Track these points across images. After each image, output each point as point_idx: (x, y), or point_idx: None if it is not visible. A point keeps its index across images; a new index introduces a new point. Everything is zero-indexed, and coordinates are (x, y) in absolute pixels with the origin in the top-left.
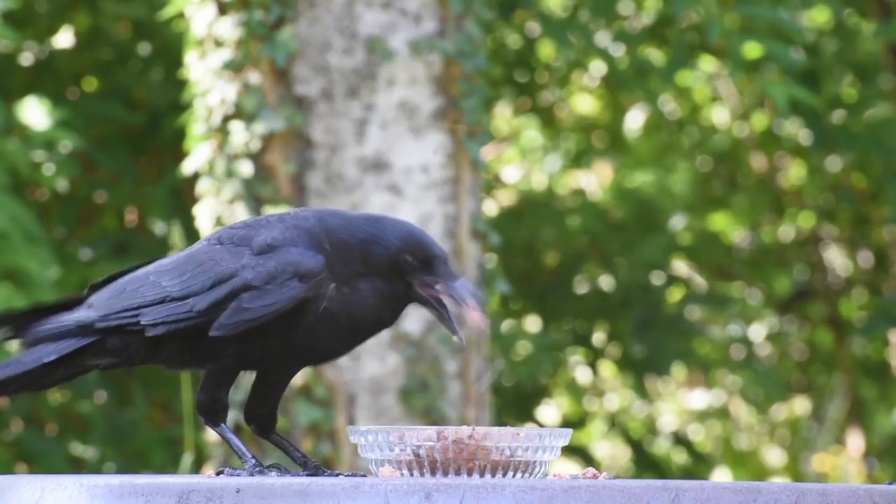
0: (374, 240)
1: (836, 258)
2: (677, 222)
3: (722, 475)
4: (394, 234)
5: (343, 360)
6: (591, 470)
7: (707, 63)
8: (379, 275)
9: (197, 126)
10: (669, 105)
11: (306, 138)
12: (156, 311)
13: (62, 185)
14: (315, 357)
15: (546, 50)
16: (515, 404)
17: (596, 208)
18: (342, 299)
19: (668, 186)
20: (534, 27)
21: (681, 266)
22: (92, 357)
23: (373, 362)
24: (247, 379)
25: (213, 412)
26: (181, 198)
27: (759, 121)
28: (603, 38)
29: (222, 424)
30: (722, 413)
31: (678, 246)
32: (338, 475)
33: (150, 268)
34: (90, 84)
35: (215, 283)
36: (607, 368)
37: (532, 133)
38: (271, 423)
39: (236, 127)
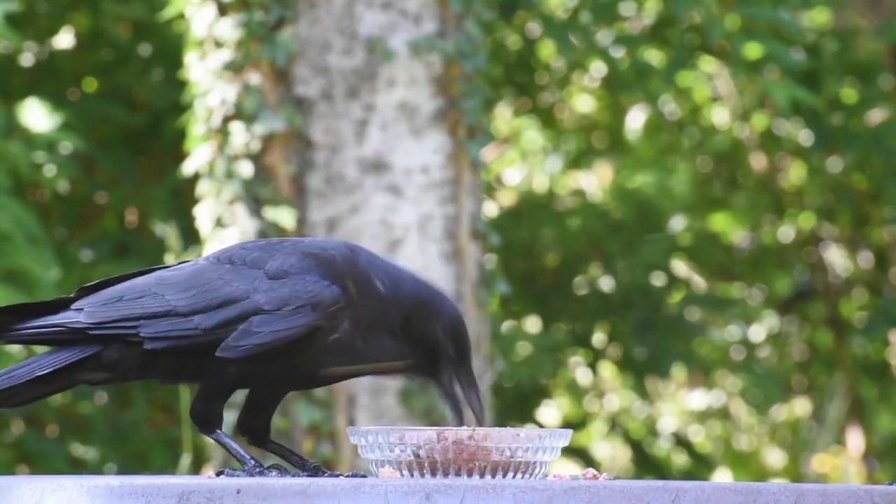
0: (426, 310)
1: (836, 258)
2: (677, 223)
3: (722, 476)
4: (449, 315)
5: None
6: (592, 471)
7: (707, 64)
8: (406, 339)
9: (197, 127)
10: (670, 105)
11: (306, 139)
12: (157, 325)
13: (63, 186)
14: (314, 383)
15: (546, 51)
16: (516, 405)
17: (596, 209)
18: (353, 337)
19: (668, 187)
20: (534, 28)
21: (681, 266)
22: (86, 371)
23: None
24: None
25: (206, 421)
26: (181, 199)
27: (760, 121)
28: (604, 37)
29: (217, 430)
30: (722, 414)
31: (678, 246)
32: (338, 476)
33: (151, 278)
34: (90, 85)
35: (224, 303)
36: (607, 369)
37: (532, 134)
38: (265, 434)
39: (236, 128)
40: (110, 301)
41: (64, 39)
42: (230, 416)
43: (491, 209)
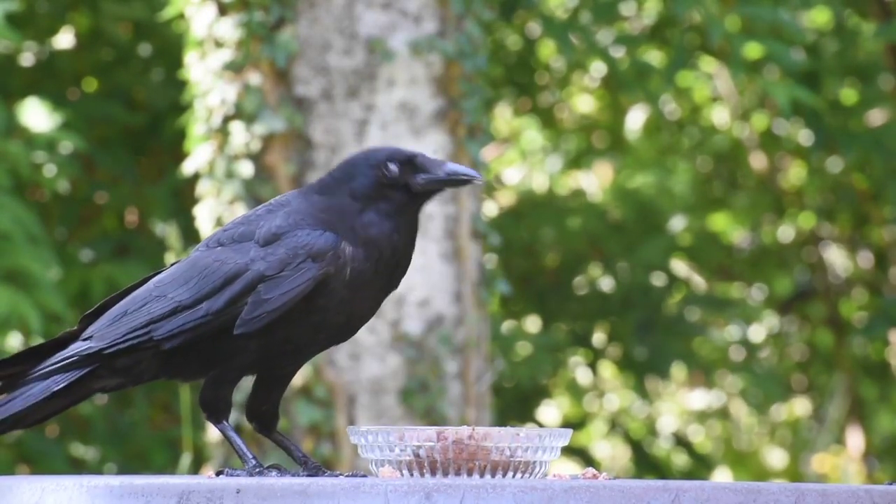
0: (352, 177)
1: (836, 258)
2: (677, 223)
3: (722, 476)
4: (364, 160)
5: (343, 361)
6: (591, 470)
7: (707, 64)
8: (379, 200)
9: (197, 127)
10: (670, 105)
11: (306, 139)
12: (169, 324)
13: (63, 186)
14: (350, 328)
15: (546, 51)
16: (516, 405)
17: (596, 209)
18: (362, 252)
19: (668, 187)
20: (534, 28)
21: (681, 266)
22: (99, 380)
23: (373, 363)
24: (247, 379)
25: (216, 409)
26: (181, 198)
27: (759, 121)
28: (604, 37)
29: (224, 422)
30: (722, 414)
31: (678, 246)
32: (338, 475)
33: (149, 285)
34: (90, 85)
35: (226, 282)
36: (607, 369)
37: (532, 134)
38: (273, 420)
39: (236, 127)
40: (116, 319)
41: (64, 39)
42: (234, 415)
43: (491, 209)
